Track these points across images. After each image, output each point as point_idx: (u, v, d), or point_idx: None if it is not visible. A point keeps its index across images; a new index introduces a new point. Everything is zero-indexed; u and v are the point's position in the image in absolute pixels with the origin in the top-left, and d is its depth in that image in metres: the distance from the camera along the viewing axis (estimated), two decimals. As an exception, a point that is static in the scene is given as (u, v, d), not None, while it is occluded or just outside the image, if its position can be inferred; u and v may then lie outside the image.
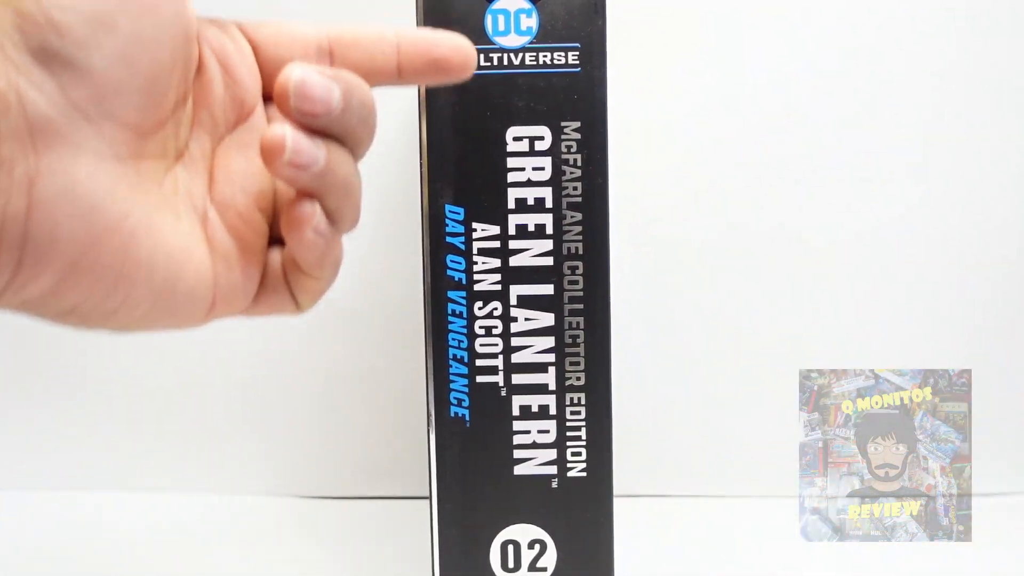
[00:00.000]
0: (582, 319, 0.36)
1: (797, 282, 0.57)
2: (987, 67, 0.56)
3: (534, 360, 0.36)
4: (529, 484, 0.37)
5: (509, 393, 0.36)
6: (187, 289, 0.23)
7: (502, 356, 0.36)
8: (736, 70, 0.56)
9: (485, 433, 0.36)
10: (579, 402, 0.36)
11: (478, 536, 0.37)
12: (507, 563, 0.37)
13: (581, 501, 0.37)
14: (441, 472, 0.37)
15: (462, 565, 0.37)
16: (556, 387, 0.36)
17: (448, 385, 0.36)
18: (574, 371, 0.36)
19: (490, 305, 0.36)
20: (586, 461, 0.37)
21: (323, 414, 0.58)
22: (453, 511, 0.37)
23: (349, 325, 0.58)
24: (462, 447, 0.36)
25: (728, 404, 0.58)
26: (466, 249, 0.36)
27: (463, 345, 0.36)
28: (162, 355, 0.58)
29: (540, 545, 0.37)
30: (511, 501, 0.37)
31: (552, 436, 0.36)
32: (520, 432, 0.36)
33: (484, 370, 0.36)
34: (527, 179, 0.36)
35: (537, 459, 0.36)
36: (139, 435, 0.59)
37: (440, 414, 0.36)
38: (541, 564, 0.37)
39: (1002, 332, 0.57)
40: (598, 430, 0.37)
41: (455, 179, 0.36)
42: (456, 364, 0.36)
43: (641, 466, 0.58)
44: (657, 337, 0.57)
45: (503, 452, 0.36)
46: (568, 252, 0.36)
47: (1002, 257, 0.57)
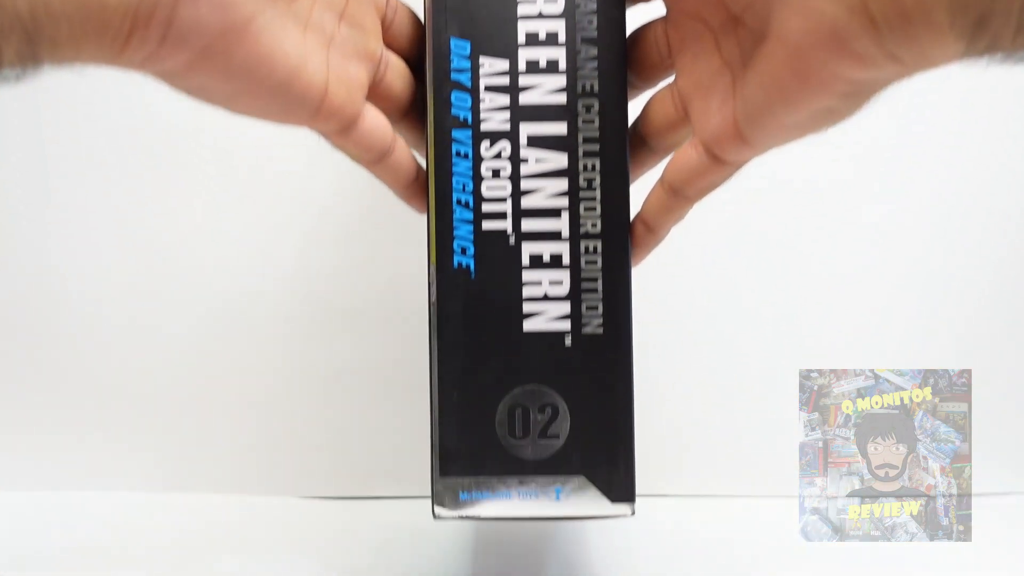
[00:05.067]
0: (598, 161, 0.33)
1: (797, 282, 0.57)
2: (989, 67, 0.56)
3: (545, 205, 0.33)
4: (540, 342, 0.33)
5: (518, 241, 0.33)
6: (298, 92, 0.29)
7: (510, 200, 0.33)
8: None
9: (491, 285, 0.33)
10: (595, 251, 0.33)
11: (483, 400, 0.33)
12: (515, 430, 0.33)
13: (598, 361, 0.33)
14: (442, 329, 0.33)
15: (465, 433, 0.33)
16: (570, 234, 0.33)
17: (452, 232, 0.33)
18: (589, 217, 0.33)
19: (498, 145, 0.33)
20: (603, 316, 0.33)
21: (323, 414, 0.58)
22: (455, 372, 0.33)
23: (349, 325, 0.58)
24: (466, 301, 0.33)
25: (728, 404, 0.58)
26: (472, 86, 0.33)
27: (468, 189, 0.33)
28: (163, 355, 0.58)
29: (551, 410, 0.33)
30: (520, 361, 0.33)
31: (565, 288, 0.33)
32: (530, 284, 0.33)
33: (491, 216, 0.33)
34: (538, 12, 0.33)
35: (549, 314, 0.33)
36: (139, 435, 0.59)
37: (442, 264, 0.33)
38: (552, 431, 0.33)
39: (1002, 332, 0.57)
40: (616, 282, 0.33)
41: (461, 10, 0.33)
42: (460, 209, 0.33)
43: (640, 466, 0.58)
44: (657, 337, 0.57)
45: (511, 306, 0.33)
46: (583, 89, 0.33)
47: (1002, 257, 0.57)
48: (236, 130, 0.57)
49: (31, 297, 0.58)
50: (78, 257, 0.58)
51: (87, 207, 0.58)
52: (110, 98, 0.57)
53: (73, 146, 0.57)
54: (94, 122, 0.57)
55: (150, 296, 0.58)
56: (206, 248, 0.58)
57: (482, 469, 0.33)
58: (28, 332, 0.58)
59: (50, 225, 0.58)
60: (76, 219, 0.58)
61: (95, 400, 0.59)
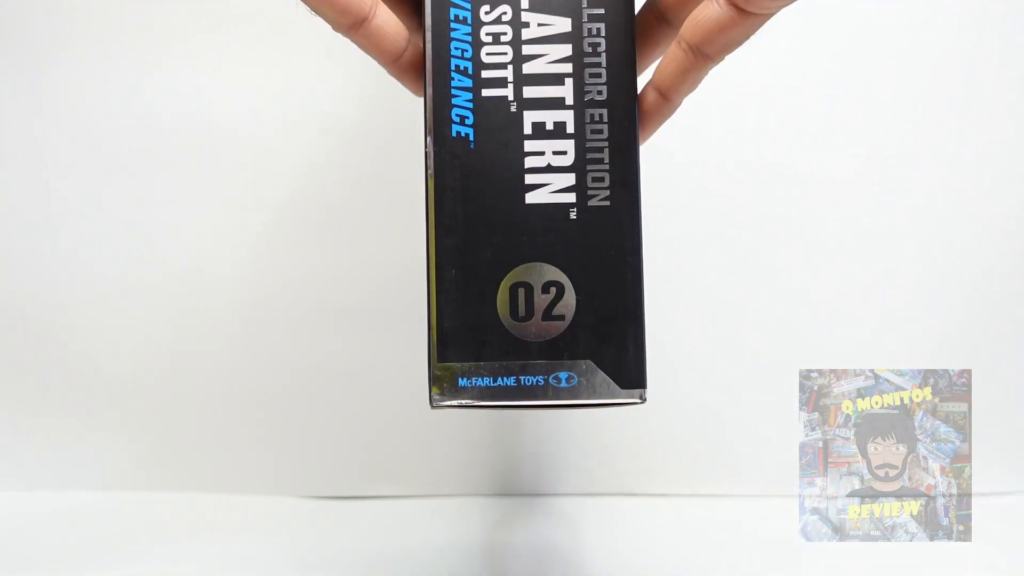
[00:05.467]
0: (603, 25, 0.32)
1: (797, 282, 0.57)
2: (989, 66, 0.56)
3: (548, 71, 0.32)
4: (543, 214, 0.31)
5: (520, 109, 0.32)
6: None
7: (511, 67, 0.32)
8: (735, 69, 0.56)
9: (491, 155, 0.32)
10: (601, 119, 0.32)
11: (483, 279, 0.31)
12: (517, 310, 0.31)
13: (605, 235, 0.32)
14: (439, 202, 0.32)
15: (464, 314, 0.31)
16: (574, 102, 0.32)
17: (449, 101, 0.32)
18: (594, 84, 0.32)
19: (498, 9, 0.32)
20: (610, 188, 0.32)
21: (323, 414, 0.58)
22: (453, 249, 0.31)
23: (349, 324, 0.58)
24: (464, 172, 0.32)
25: (728, 404, 0.58)
26: None
27: (467, 55, 0.32)
28: (163, 355, 0.58)
29: (556, 288, 0.32)
30: (522, 236, 0.31)
31: (570, 158, 0.32)
32: (533, 153, 0.32)
33: (491, 83, 0.32)
34: None
35: (552, 185, 0.32)
36: (139, 435, 0.59)
37: (439, 134, 0.32)
38: (557, 311, 0.31)
39: (1002, 332, 0.57)
40: (623, 152, 0.32)
41: None
42: (459, 76, 0.32)
43: (641, 466, 0.58)
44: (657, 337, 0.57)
45: (513, 177, 0.32)
46: None
47: (1002, 257, 0.57)
48: (234, 130, 0.57)
49: (31, 297, 0.58)
50: (76, 257, 0.58)
51: (86, 207, 0.58)
52: (110, 98, 0.57)
53: (73, 146, 0.57)
54: (93, 122, 0.57)
55: (149, 296, 0.58)
56: (207, 248, 0.58)
57: (482, 353, 0.31)
58: (27, 332, 0.58)
59: (49, 225, 0.58)
60: (75, 219, 0.58)
61: (94, 399, 0.59)
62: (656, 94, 0.33)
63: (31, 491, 0.58)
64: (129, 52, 0.56)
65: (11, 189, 0.58)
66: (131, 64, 0.56)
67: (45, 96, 0.57)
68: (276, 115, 0.57)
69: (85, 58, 0.56)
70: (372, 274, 0.57)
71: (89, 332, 0.58)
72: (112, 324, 0.58)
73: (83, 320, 0.58)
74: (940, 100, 0.56)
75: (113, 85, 0.57)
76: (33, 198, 0.58)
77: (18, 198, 0.58)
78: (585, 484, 0.58)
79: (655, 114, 0.33)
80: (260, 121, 0.57)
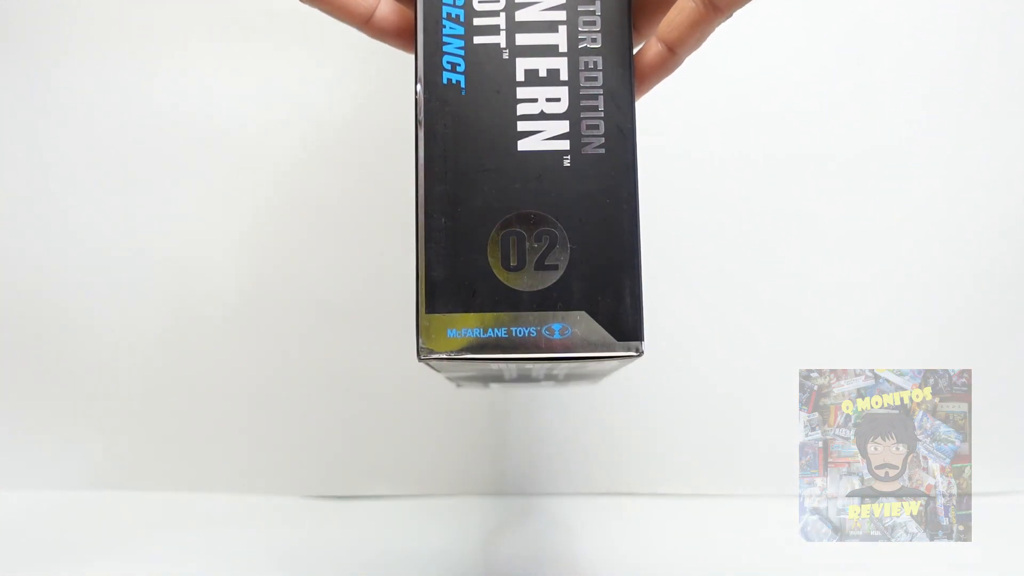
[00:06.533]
0: None
1: (797, 282, 0.57)
2: (989, 66, 0.56)
3: (541, 18, 0.32)
4: (536, 161, 0.31)
5: (512, 56, 0.31)
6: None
7: (504, 14, 0.31)
8: (735, 70, 0.56)
9: (483, 102, 0.31)
10: (595, 67, 0.31)
11: (473, 227, 0.31)
12: (508, 260, 0.31)
13: (600, 183, 0.31)
14: (430, 149, 0.31)
15: (454, 263, 0.30)
16: (568, 49, 0.31)
17: (440, 49, 0.31)
18: (589, 32, 0.32)
19: None
20: (604, 136, 0.31)
21: (323, 414, 0.58)
22: (442, 197, 0.31)
23: (349, 325, 0.58)
24: (455, 118, 0.31)
25: (728, 404, 0.58)
26: None
27: (459, 3, 0.31)
28: (163, 355, 0.58)
29: (549, 237, 0.31)
30: (514, 183, 0.31)
31: (564, 105, 0.31)
32: (526, 101, 0.31)
33: (483, 29, 0.31)
34: None
35: (546, 132, 0.31)
36: (139, 435, 0.59)
37: (430, 81, 0.31)
38: (550, 261, 0.31)
39: (1002, 332, 0.57)
40: (618, 100, 0.31)
41: None
42: (450, 24, 0.31)
43: (641, 466, 0.58)
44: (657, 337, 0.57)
45: (505, 124, 0.31)
46: None
47: (1002, 257, 0.57)
48: (232, 129, 0.57)
49: (30, 297, 0.58)
50: (73, 256, 0.58)
51: (84, 207, 0.58)
52: (109, 98, 0.57)
53: (72, 146, 0.57)
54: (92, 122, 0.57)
55: (149, 296, 0.58)
56: (204, 247, 0.58)
57: (472, 304, 0.30)
58: (25, 331, 0.58)
59: (47, 225, 0.58)
60: (71, 218, 0.58)
61: (94, 399, 0.59)
62: (661, 46, 0.32)
63: (29, 491, 0.58)
64: (128, 53, 0.57)
65: (11, 189, 0.58)
66: (130, 65, 0.56)
67: (45, 96, 0.57)
68: (273, 115, 0.57)
69: (85, 59, 0.56)
70: (373, 274, 0.57)
71: (87, 332, 0.58)
72: (111, 324, 0.58)
73: (82, 320, 0.58)
74: (940, 100, 0.56)
75: (112, 85, 0.57)
76: (33, 198, 0.58)
77: (18, 198, 0.58)
78: (585, 484, 0.58)
79: (658, 68, 0.32)
80: (257, 121, 0.57)
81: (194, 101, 0.57)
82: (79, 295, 0.58)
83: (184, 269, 0.58)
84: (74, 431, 0.59)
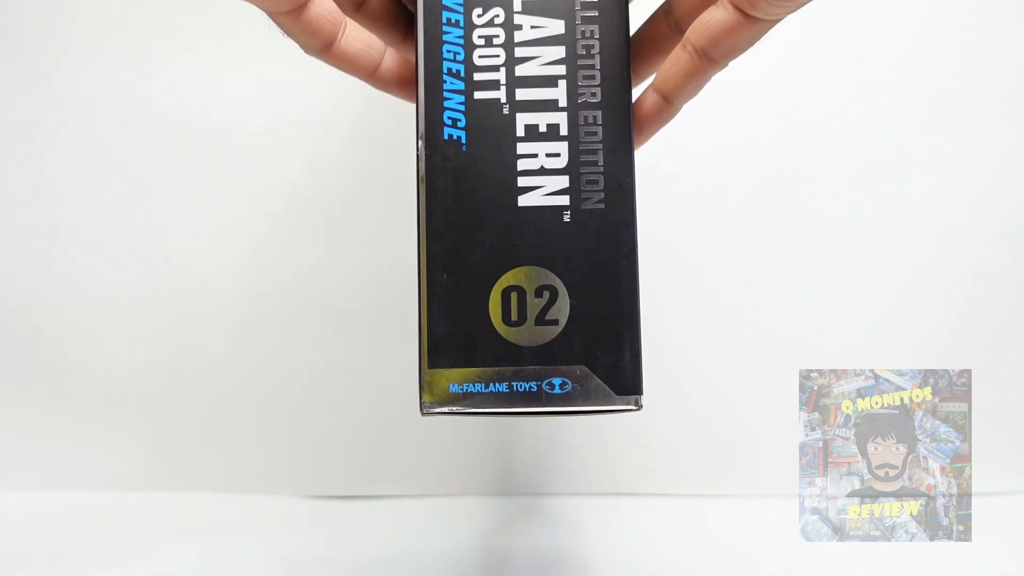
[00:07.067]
0: (596, 27, 0.32)
1: (797, 282, 0.57)
2: (989, 67, 0.56)
3: (542, 73, 0.32)
4: (536, 217, 0.31)
5: (513, 111, 0.31)
6: None
7: (504, 69, 0.32)
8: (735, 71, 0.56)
9: (484, 157, 0.31)
10: (595, 121, 0.31)
11: (474, 283, 0.31)
12: (509, 315, 0.31)
13: (599, 238, 0.31)
14: (432, 205, 0.31)
15: (456, 319, 0.31)
16: (568, 104, 0.32)
17: (441, 104, 0.31)
18: (588, 86, 0.32)
19: (491, 12, 0.32)
20: (604, 191, 0.31)
21: (322, 414, 0.58)
22: (444, 253, 0.31)
23: (348, 325, 0.58)
24: (456, 174, 0.31)
25: (728, 404, 0.58)
26: None
27: (459, 57, 0.32)
28: (163, 355, 0.58)
29: (549, 292, 0.31)
30: (515, 239, 0.31)
31: (564, 160, 0.31)
32: (526, 156, 0.31)
33: (483, 85, 0.32)
34: None
35: (546, 187, 0.31)
36: (138, 435, 0.59)
37: (431, 137, 0.31)
38: (551, 316, 0.31)
39: (1002, 332, 0.57)
40: (618, 154, 0.31)
41: None
42: (451, 79, 0.32)
43: (641, 466, 0.58)
44: (657, 337, 0.57)
45: (505, 179, 0.31)
46: None
47: (1002, 257, 0.57)
48: (233, 131, 0.57)
49: (31, 297, 0.58)
50: (76, 257, 0.58)
51: (86, 207, 0.58)
52: (109, 99, 0.57)
53: (73, 146, 0.57)
54: (93, 123, 0.57)
55: (149, 296, 0.58)
56: (207, 249, 0.58)
57: (474, 359, 0.31)
58: (27, 332, 0.58)
59: (48, 225, 0.58)
60: (74, 219, 0.58)
61: (94, 399, 0.59)
62: (657, 97, 0.32)
63: (31, 491, 0.58)
64: (128, 53, 0.57)
65: (11, 189, 0.58)
66: (130, 65, 0.57)
67: (45, 96, 0.57)
68: (275, 117, 0.57)
69: (85, 59, 0.56)
70: (373, 275, 0.57)
71: (88, 332, 0.58)
72: (112, 324, 0.58)
73: (82, 320, 0.58)
74: (940, 101, 0.56)
75: (113, 86, 0.57)
76: (33, 198, 0.58)
77: (18, 198, 0.58)
78: (585, 484, 0.58)
79: (655, 118, 0.33)
80: (259, 122, 0.57)
81: (195, 102, 0.57)
82: (79, 295, 0.58)
83: (184, 269, 0.58)
84: (74, 432, 0.59)
